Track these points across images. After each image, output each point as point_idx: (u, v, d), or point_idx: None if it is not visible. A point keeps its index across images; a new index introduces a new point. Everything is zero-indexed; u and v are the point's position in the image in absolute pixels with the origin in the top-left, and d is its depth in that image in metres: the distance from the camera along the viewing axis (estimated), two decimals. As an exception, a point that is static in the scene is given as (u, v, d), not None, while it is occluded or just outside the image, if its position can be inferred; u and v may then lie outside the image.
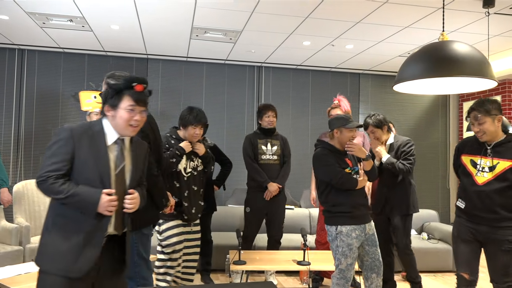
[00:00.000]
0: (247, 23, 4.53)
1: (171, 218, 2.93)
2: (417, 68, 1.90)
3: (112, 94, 1.86)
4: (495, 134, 2.49)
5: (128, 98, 1.85)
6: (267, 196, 3.80)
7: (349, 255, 2.73)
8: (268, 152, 3.88)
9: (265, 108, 3.94)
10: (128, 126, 1.86)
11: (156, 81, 6.25)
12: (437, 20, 4.27)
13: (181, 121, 3.06)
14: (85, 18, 4.48)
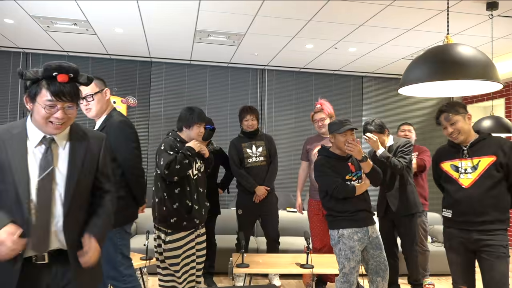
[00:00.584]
0: (250, 26, 4.54)
1: (179, 229, 2.83)
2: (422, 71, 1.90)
3: (30, 84, 1.53)
4: (468, 132, 2.42)
5: (45, 92, 1.51)
6: (257, 200, 3.81)
7: (351, 258, 2.72)
8: (253, 154, 3.86)
9: (243, 112, 3.91)
10: (48, 123, 1.54)
11: (160, 84, 6.27)
12: (441, 23, 4.27)
13: (183, 122, 2.96)
14: (89, 21, 4.51)
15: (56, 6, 4.08)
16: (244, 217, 3.88)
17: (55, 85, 1.52)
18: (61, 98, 1.52)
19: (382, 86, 6.91)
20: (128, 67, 6.18)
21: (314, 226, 3.76)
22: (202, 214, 2.95)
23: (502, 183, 2.35)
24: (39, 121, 1.54)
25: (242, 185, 3.87)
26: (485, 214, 2.33)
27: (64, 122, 1.55)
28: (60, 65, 1.52)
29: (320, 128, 3.83)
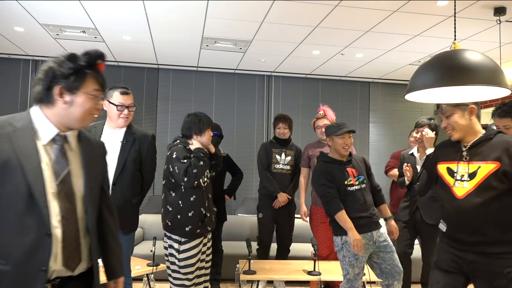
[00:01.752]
0: (256, 32, 4.56)
1: (194, 237, 2.79)
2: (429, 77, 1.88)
3: (70, 73, 1.36)
4: (467, 130, 1.99)
5: (93, 81, 1.41)
6: (276, 205, 3.85)
7: (355, 264, 2.71)
8: (281, 161, 3.93)
9: (276, 119, 4.05)
10: (88, 116, 1.42)
11: (167, 91, 6.32)
12: (448, 28, 4.25)
13: (192, 130, 2.86)
14: (97, 29, 4.56)
15: (65, 14, 4.13)
16: (265, 220, 3.94)
17: (100, 74, 1.43)
18: (104, 89, 1.46)
19: (389, 92, 6.89)
20: (135, 74, 6.23)
21: (319, 233, 3.72)
22: (213, 220, 2.95)
23: (506, 196, 1.86)
24: (78, 115, 1.39)
25: (265, 188, 3.92)
26: (480, 233, 1.89)
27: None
28: (101, 53, 1.42)
29: (322, 135, 3.83)
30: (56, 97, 1.36)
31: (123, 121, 2.62)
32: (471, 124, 2.00)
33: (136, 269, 3.31)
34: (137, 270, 3.30)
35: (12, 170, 1.26)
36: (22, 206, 1.27)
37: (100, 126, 2.65)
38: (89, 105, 1.40)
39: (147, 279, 3.59)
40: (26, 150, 1.30)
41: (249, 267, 3.19)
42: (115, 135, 2.64)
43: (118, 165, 2.56)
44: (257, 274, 3.14)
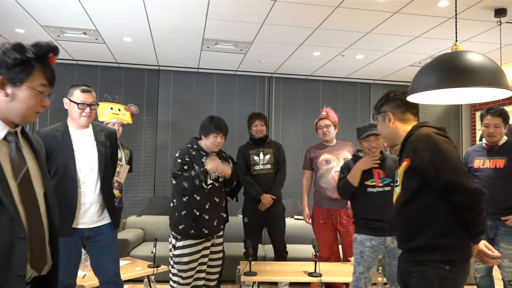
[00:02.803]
0: (257, 34, 4.56)
1: (187, 237, 2.87)
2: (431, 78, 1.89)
3: (14, 64, 1.24)
4: (391, 136, 1.91)
5: (41, 75, 1.30)
6: (262, 208, 3.80)
7: (360, 262, 2.76)
8: (260, 162, 3.85)
9: (252, 117, 3.93)
10: (33, 113, 1.32)
11: (168, 92, 6.32)
12: (448, 30, 4.26)
13: (202, 130, 3.01)
14: (98, 30, 4.57)
15: (66, 15, 4.14)
16: (250, 225, 3.87)
17: (50, 68, 1.32)
18: (53, 84, 1.34)
19: (390, 93, 6.89)
20: (136, 75, 6.24)
21: (320, 234, 3.71)
22: (214, 225, 2.94)
23: (424, 194, 1.69)
24: (21, 110, 1.28)
25: (248, 192, 3.87)
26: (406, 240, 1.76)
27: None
28: (53, 45, 1.32)
29: (324, 136, 3.82)
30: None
31: (85, 119, 2.51)
32: (393, 130, 1.89)
33: (137, 271, 3.30)
34: (138, 272, 3.30)
35: None
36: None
37: (63, 127, 2.54)
38: (34, 101, 1.29)
39: (148, 281, 3.58)
40: None
41: (249, 269, 3.19)
42: (84, 134, 2.55)
43: (100, 163, 2.52)
44: (258, 276, 3.14)
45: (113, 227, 2.60)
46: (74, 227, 2.43)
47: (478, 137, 6.70)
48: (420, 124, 1.82)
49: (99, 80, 6.09)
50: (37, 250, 1.29)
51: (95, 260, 2.56)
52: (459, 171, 1.61)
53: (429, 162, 1.65)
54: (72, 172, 2.42)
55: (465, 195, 1.59)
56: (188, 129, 6.28)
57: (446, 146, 1.66)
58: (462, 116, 7.02)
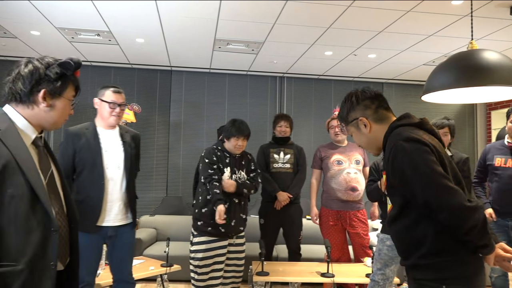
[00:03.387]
0: (269, 34, 4.56)
1: (204, 233, 2.98)
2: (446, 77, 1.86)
3: (57, 78, 1.40)
4: (374, 143, 1.65)
5: (72, 87, 1.47)
6: (278, 206, 3.78)
7: (377, 259, 2.90)
8: (280, 160, 3.87)
9: (278, 117, 3.99)
10: (63, 120, 1.49)
11: (180, 93, 6.36)
12: (463, 28, 4.20)
13: (224, 133, 3.12)
14: (111, 32, 4.62)
15: (80, 17, 4.19)
16: (266, 226, 3.86)
17: (77, 80, 1.49)
18: (78, 94, 1.52)
19: (403, 92, 6.82)
20: (149, 76, 6.29)
21: (330, 236, 3.67)
22: (231, 224, 2.99)
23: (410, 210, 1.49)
24: (56, 118, 1.43)
25: (266, 191, 3.86)
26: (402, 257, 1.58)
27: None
28: (80, 61, 1.48)
29: (336, 136, 3.80)
30: (40, 100, 1.38)
31: (114, 119, 2.61)
32: (373, 135, 1.64)
33: (150, 270, 3.33)
34: (151, 271, 3.32)
35: (12, 172, 1.27)
36: (27, 207, 1.28)
37: (91, 126, 2.63)
38: (67, 109, 1.46)
39: (160, 280, 3.61)
40: (19, 151, 1.30)
41: (262, 269, 3.19)
42: (112, 134, 2.65)
43: (126, 163, 2.62)
44: (270, 276, 3.14)
45: (133, 227, 2.69)
46: (99, 225, 2.50)
47: (494, 137, 6.59)
48: (396, 122, 1.59)
49: (113, 81, 6.16)
50: (62, 245, 1.40)
51: (113, 258, 2.63)
52: (437, 187, 1.37)
53: (400, 181, 1.45)
54: (100, 169, 2.51)
55: (448, 213, 1.36)
56: (200, 129, 6.31)
57: (417, 156, 1.41)
58: (477, 115, 6.92)
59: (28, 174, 1.29)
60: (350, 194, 3.61)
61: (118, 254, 2.62)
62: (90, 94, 6.02)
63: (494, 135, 6.58)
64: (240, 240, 3.13)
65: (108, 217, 2.53)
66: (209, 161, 3.01)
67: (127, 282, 2.67)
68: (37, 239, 1.29)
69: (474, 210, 1.35)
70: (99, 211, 2.49)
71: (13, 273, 1.24)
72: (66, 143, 2.56)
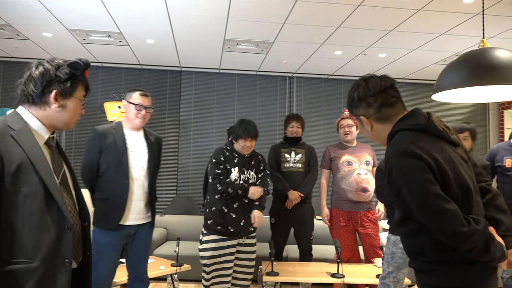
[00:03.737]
0: (278, 34, 4.56)
1: (213, 232, 3.00)
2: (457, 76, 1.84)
3: (67, 79, 1.42)
4: (379, 139, 1.57)
5: (82, 87, 1.49)
6: (289, 205, 3.77)
7: (390, 262, 2.85)
8: (291, 160, 3.86)
9: (290, 118, 3.99)
10: (75, 120, 1.51)
11: (190, 93, 6.39)
12: (474, 26, 4.15)
13: (232, 135, 3.15)
14: (122, 33, 4.66)
15: (91, 19, 4.24)
16: (277, 225, 3.86)
17: (87, 80, 1.51)
18: (88, 94, 1.54)
19: (413, 91, 6.76)
20: (159, 76, 6.33)
21: (340, 237, 3.66)
22: (240, 224, 3.02)
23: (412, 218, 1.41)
24: (67, 118, 1.46)
25: (277, 190, 3.85)
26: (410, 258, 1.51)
27: None
28: (89, 62, 1.50)
29: (346, 136, 3.78)
30: (52, 101, 1.41)
31: (140, 121, 2.70)
32: (377, 134, 1.55)
33: (160, 269, 3.35)
34: (161, 270, 3.34)
35: (27, 172, 1.30)
36: (42, 205, 1.31)
37: (118, 127, 2.72)
38: (78, 109, 1.48)
39: (171, 279, 3.63)
40: (33, 151, 1.33)
41: (271, 269, 3.19)
42: (137, 136, 2.75)
43: (149, 164, 2.72)
44: (280, 276, 3.14)
45: (152, 226, 2.77)
46: (121, 223, 2.56)
47: (506, 136, 6.50)
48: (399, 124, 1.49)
49: (123, 81, 6.21)
50: (75, 243, 1.43)
51: (131, 256, 2.70)
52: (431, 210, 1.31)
53: (397, 196, 1.39)
54: (125, 168, 2.58)
55: (443, 236, 1.31)
56: (210, 129, 6.33)
57: (412, 175, 1.33)
58: (489, 115, 6.82)
59: (42, 174, 1.31)
60: (361, 195, 3.59)
61: (135, 252, 2.68)
62: (101, 95, 6.08)
63: (506, 135, 6.49)
64: (250, 241, 3.13)
65: (131, 216, 2.61)
66: (216, 161, 3.04)
67: (142, 281, 2.72)
68: (52, 237, 1.32)
69: (470, 235, 1.28)
70: (123, 210, 2.56)
71: (29, 270, 1.27)
72: (93, 141, 2.63)
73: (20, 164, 1.28)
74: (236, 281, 3.12)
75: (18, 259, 1.26)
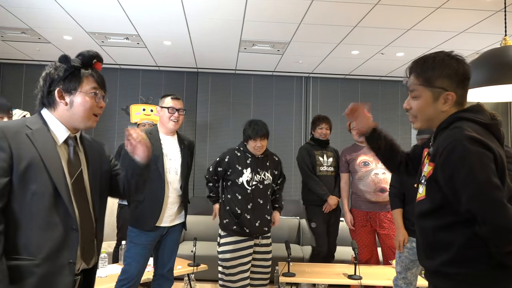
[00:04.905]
0: (294, 34, 4.54)
1: (231, 234, 3.02)
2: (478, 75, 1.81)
3: (66, 75, 1.44)
4: (433, 121, 1.44)
5: (90, 80, 1.47)
6: (326, 210, 3.76)
7: (398, 262, 2.87)
8: (325, 163, 3.85)
9: (319, 119, 3.97)
10: (91, 115, 1.47)
11: (206, 94, 6.42)
12: (496, 24, 4.05)
13: (243, 136, 3.16)
14: (140, 35, 4.71)
15: (110, 22, 4.30)
16: (319, 229, 3.85)
17: (97, 72, 1.50)
18: (104, 86, 1.52)
19: (432, 91, 6.65)
20: (176, 78, 6.39)
21: (359, 237, 3.63)
22: (256, 225, 3.01)
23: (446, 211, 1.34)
24: (81, 114, 1.44)
25: (313, 193, 3.81)
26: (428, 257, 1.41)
27: (101, 113, 1.53)
28: (95, 53, 1.50)
29: (359, 136, 3.74)
30: (57, 99, 1.43)
31: (173, 124, 2.78)
32: (440, 115, 1.41)
33: (178, 269, 3.38)
34: (178, 270, 3.37)
35: (37, 170, 1.31)
36: (49, 204, 1.32)
37: (155, 132, 2.80)
38: (89, 103, 1.45)
39: (188, 279, 3.66)
40: (46, 150, 1.35)
41: (288, 269, 3.18)
42: (172, 140, 2.83)
43: (183, 169, 2.80)
44: (297, 277, 3.13)
45: (183, 226, 2.85)
46: (157, 225, 2.66)
47: (529, 136, 6.33)
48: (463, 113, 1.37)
49: (141, 83, 6.29)
50: (86, 244, 1.43)
51: (159, 254, 2.78)
52: (488, 198, 1.22)
53: (449, 180, 1.28)
54: (161, 172, 2.67)
55: (490, 229, 1.22)
56: (226, 130, 6.35)
57: (476, 160, 1.24)
58: (511, 114, 6.66)
59: (52, 172, 1.33)
60: (379, 195, 3.55)
61: (164, 250, 2.77)
62: (119, 96, 6.16)
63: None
64: (266, 241, 3.14)
65: (165, 218, 2.70)
66: (215, 165, 3.15)
67: (167, 278, 2.80)
68: (57, 236, 1.33)
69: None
70: (159, 213, 2.65)
71: (31, 267, 1.29)
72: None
73: (31, 162, 1.30)
74: (254, 281, 3.13)
75: (22, 255, 1.28)
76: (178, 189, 2.77)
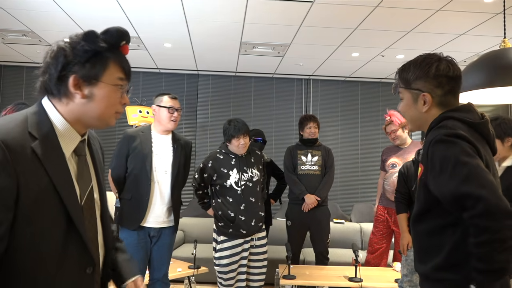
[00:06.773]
0: (295, 36, 4.55)
1: (227, 239, 2.95)
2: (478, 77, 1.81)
3: (87, 58, 1.01)
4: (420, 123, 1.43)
5: (117, 67, 1.07)
6: (305, 208, 3.73)
7: (404, 265, 2.88)
8: (307, 162, 3.81)
9: (306, 119, 3.91)
10: (113, 114, 1.09)
11: (206, 96, 6.43)
12: (495, 26, 4.06)
13: (224, 137, 3.08)
14: (140, 38, 4.73)
15: (110, 24, 4.29)
16: (293, 228, 3.84)
17: (124, 58, 1.10)
18: (130, 77, 1.11)
19: (433, 93, 6.66)
20: (176, 80, 6.40)
21: (376, 228, 3.74)
22: (251, 224, 2.97)
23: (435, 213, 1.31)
24: (100, 111, 1.05)
25: (293, 193, 3.83)
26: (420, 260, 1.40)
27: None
28: (125, 31, 1.08)
29: (394, 141, 3.74)
30: (72, 89, 1.01)
31: (173, 124, 2.75)
32: (425, 116, 1.39)
33: (178, 271, 3.37)
34: (179, 272, 3.36)
35: (47, 199, 0.96)
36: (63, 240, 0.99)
37: (147, 131, 2.76)
38: (113, 98, 1.06)
39: (188, 282, 3.65)
40: (58, 170, 0.98)
41: (288, 272, 3.17)
42: (164, 139, 2.78)
43: (174, 169, 2.74)
44: (297, 279, 3.12)
45: (175, 230, 2.80)
46: (142, 225, 2.63)
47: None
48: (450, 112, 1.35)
49: (141, 85, 6.30)
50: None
51: (153, 258, 2.74)
52: (478, 180, 1.17)
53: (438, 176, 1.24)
54: (148, 171, 2.63)
55: (482, 208, 1.13)
56: (226, 132, 6.35)
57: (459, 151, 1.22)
58: (511, 115, 6.66)
59: (65, 200, 0.98)
60: None
61: (157, 254, 2.73)
62: (120, 99, 6.16)
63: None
64: (260, 242, 3.11)
65: (151, 218, 2.66)
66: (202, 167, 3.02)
67: (162, 283, 2.76)
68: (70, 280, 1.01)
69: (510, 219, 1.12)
70: (145, 210, 2.62)
71: None
72: (122, 143, 2.72)
73: (40, 191, 0.95)
74: (251, 282, 3.12)
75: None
76: (167, 189, 2.69)
